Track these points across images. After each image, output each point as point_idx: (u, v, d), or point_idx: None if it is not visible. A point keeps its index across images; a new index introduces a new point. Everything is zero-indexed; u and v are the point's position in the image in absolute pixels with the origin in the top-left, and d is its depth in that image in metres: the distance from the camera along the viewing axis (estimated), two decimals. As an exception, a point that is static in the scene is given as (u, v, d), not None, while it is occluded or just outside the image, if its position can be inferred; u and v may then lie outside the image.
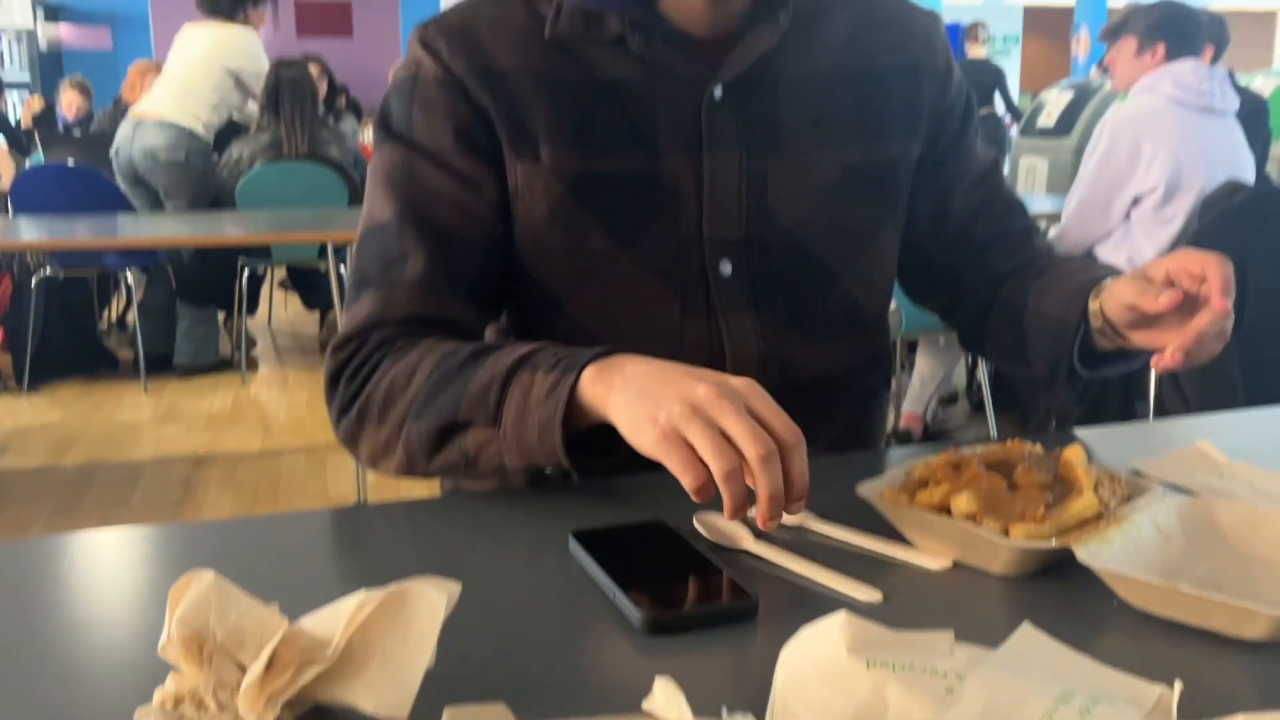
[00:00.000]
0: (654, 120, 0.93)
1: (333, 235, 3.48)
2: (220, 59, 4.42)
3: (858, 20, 1.00)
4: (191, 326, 4.54)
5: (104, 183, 4.34)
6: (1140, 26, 3.05)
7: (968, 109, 1.06)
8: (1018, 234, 1.07)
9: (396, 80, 0.96)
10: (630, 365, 0.75)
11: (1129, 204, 2.93)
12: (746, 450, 0.66)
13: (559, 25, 0.92)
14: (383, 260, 0.92)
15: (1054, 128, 5.34)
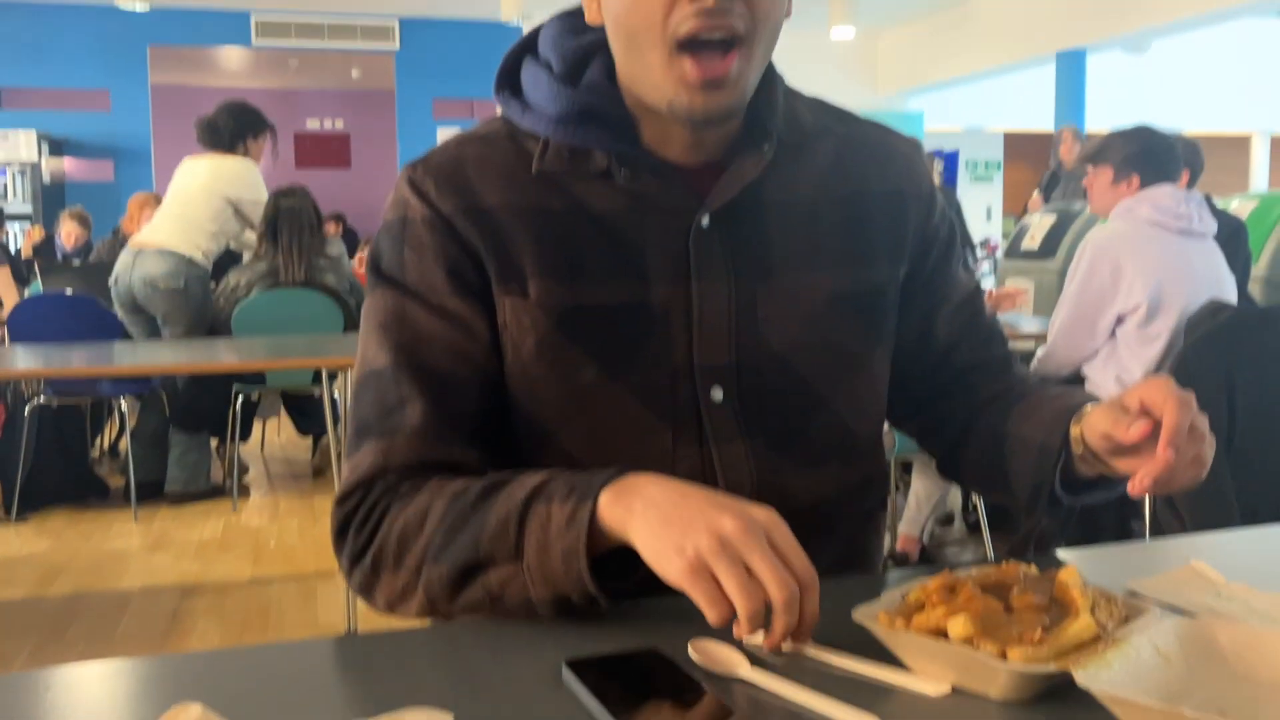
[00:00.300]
0: (642, 250, 0.94)
1: (327, 361, 3.49)
2: (220, 188, 4.51)
3: (841, 149, 1.01)
4: (184, 453, 4.53)
5: (101, 311, 4.38)
6: (1116, 158, 3.11)
7: (951, 235, 1.08)
8: (998, 361, 1.08)
9: (386, 222, 0.97)
10: (648, 487, 0.77)
11: (1113, 323, 2.97)
12: (772, 592, 0.68)
13: (545, 161, 0.94)
14: (381, 408, 0.91)
15: (1038, 250, 5.45)
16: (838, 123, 1.03)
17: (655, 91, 0.89)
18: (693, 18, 0.84)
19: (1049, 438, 0.94)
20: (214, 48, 10.74)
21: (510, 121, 0.98)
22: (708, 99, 0.87)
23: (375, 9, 10.15)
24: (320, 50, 10.53)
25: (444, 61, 10.52)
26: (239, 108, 4.65)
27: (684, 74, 0.86)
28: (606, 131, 0.93)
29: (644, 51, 0.88)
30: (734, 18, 0.85)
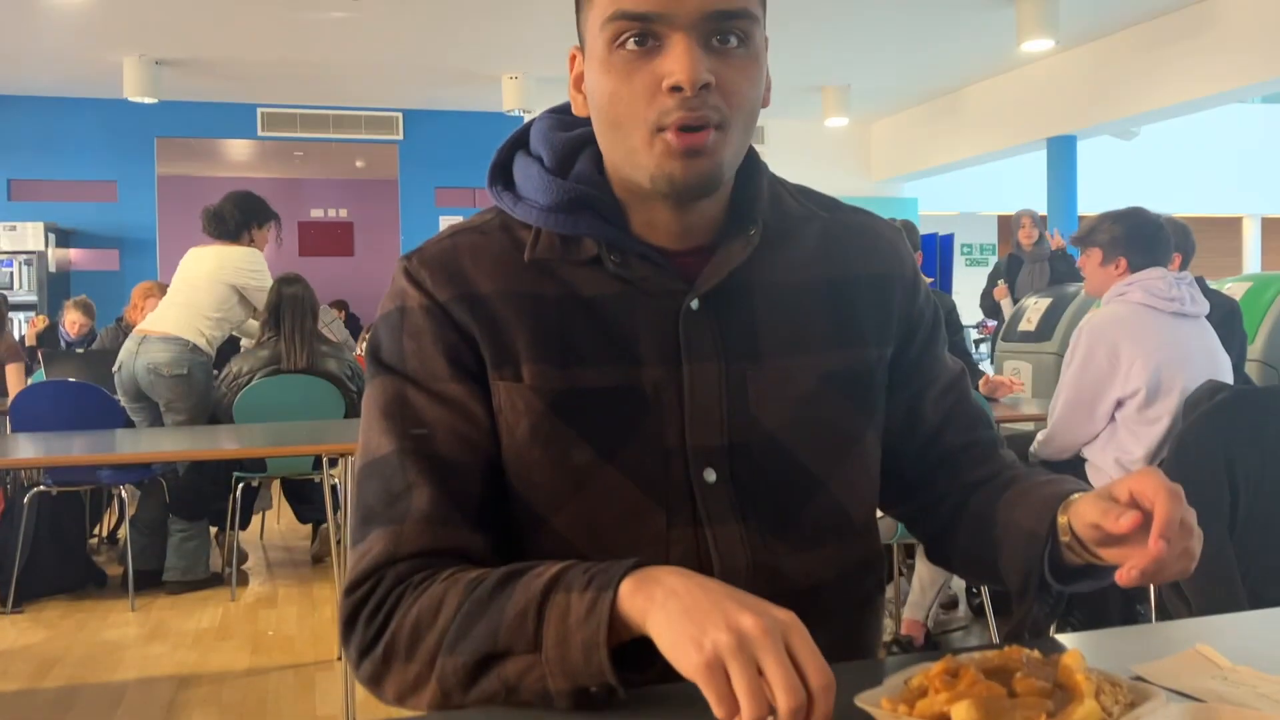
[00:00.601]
0: (633, 333, 0.95)
1: (328, 448, 3.50)
2: (225, 275, 4.58)
3: (826, 233, 1.04)
4: (183, 541, 4.50)
5: (103, 399, 4.39)
6: (1104, 239, 3.15)
7: (935, 318, 1.10)
8: (985, 444, 1.09)
9: (384, 313, 0.99)
10: (669, 577, 0.77)
11: (1112, 407, 2.97)
12: (779, 699, 0.68)
13: (537, 249, 0.97)
14: (387, 495, 0.92)
15: (1034, 332, 5.48)
16: (822, 209, 1.06)
17: (639, 170, 0.92)
18: (672, 110, 0.88)
19: (1037, 525, 0.94)
20: (220, 139, 10.92)
21: (503, 212, 1.01)
22: (687, 167, 0.90)
23: (379, 102, 10.35)
24: (325, 141, 10.70)
25: (446, 151, 10.68)
26: (245, 198, 4.73)
27: (666, 146, 0.89)
28: (596, 219, 0.96)
29: (627, 135, 0.91)
30: (709, 109, 0.89)
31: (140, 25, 7.62)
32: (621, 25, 0.88)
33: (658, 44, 0.88)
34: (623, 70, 0.89)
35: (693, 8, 0.87)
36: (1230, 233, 15.27)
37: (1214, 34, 7.51)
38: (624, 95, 0.90)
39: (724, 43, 0.89)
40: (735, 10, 0.89)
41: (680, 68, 0.86)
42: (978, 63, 9.20)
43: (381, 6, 7.24)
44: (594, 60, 0.92)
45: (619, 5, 0.88)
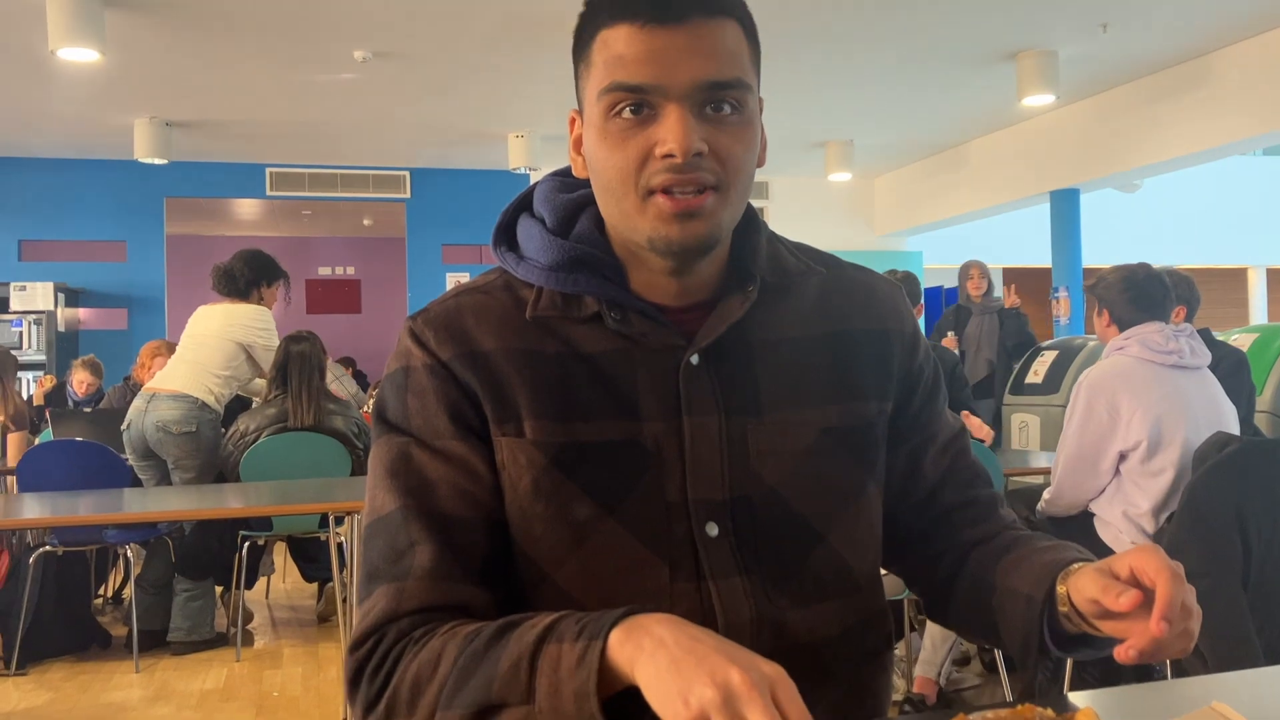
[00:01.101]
0: (634, 388, 0.97)
1: (334, 506, 3.49)
2: (234, 334, 4.61)
3: (825, 289, 1.06)
4: (187, 601, 4.48)
5: (110, 458, 4.39)
6: (1098, 289, 3.18)
7: (935, 375, 1.11)
8: (984, 502, 1.10)
9: (389, 373, 1.01)
10: (657, 627, 0.77)
11: (1116, 461, 2.96)
12: None
13: (539, 307, 0.99)
14: (391, 553, 0.93)
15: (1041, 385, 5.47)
16: (821, 265, 1.07)
17: (636, 232, 0.94)
18: (663, 173, 0.91)
19: (1035, 590, 0.94)
20: (229, 199, 11.03)
21: (506, 272, 1.04)
22: (683, 229, 0.92)
23: (387, 161, 10.46)
24: (333, 200, 10.80)
25: (453, 209, 10.78)
26: (255, 256, 4.77)
27: (659, 210, 0.91)
28: (596, 278, 0.98)
29: (621, 198, 0.93)
30: (703, 172, 0.91)
31: (151, 88, 7.73)
32: (617, 96, 0.91)
33: (652, 113, 0.91)
34: (618, 137, 0.92)
35: (685, 79, 0.89)
36: (1236, 284, 15.29)
37: (1212, 89, 7.59)
38: (619, 161, 0.92)
39: (717, 110, 0.91)
40: (728, 81, 0.91)
41: (673, 137, 0.89)
42: (979, 117, 9.29)
43: (388, 68, 7.35)
44: (591, 126, 0.95)
45: (614, 77, 0.90)
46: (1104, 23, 6.80)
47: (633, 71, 0.90)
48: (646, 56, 0.90)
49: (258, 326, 4.68)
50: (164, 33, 6.51)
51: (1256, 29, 7.11)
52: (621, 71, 0.90)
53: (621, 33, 0.91)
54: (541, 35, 6.71)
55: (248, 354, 4.66)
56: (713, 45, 0.90)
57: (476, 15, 6.38)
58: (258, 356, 4.67)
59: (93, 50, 5.90)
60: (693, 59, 0.89)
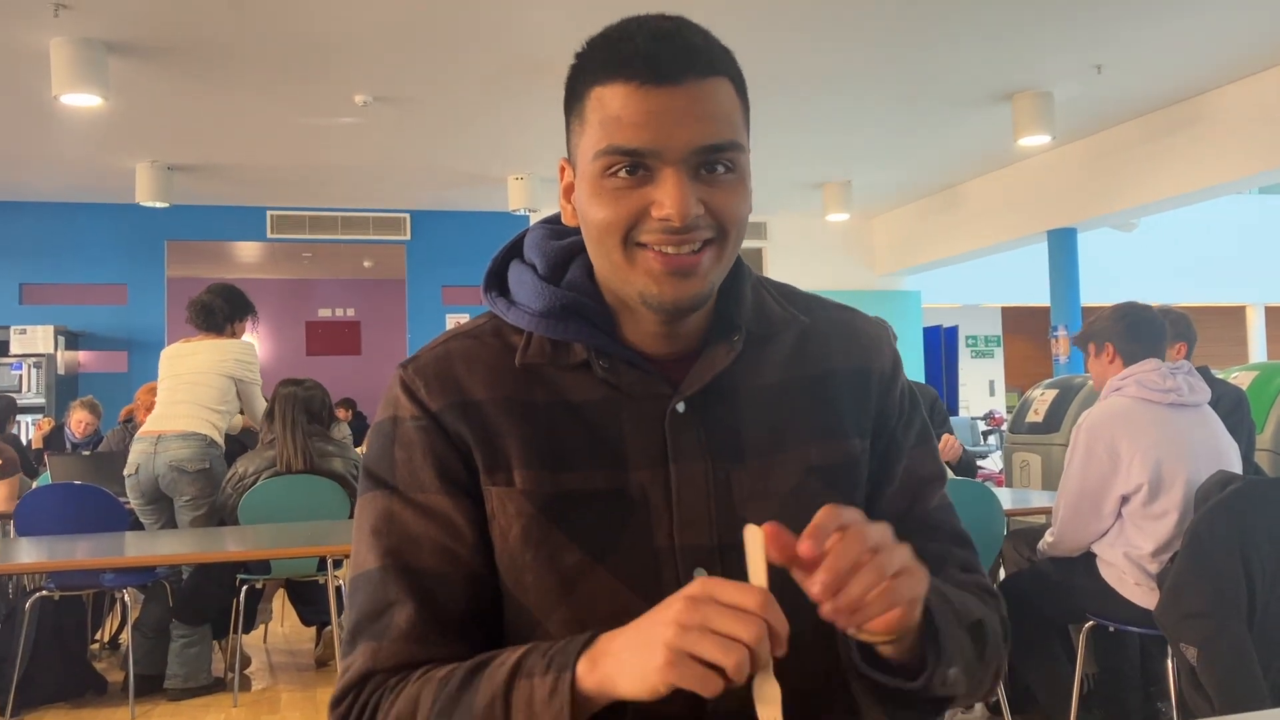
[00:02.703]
0: (620, 436, 0.97)
1: (332, 549, 3.48)
2: (225, 368, 4.67)
3: (807, 333, 1.06)
4: (185, 647, 4.43)
5: (108, 501, 4.37)
6: (1094, 330, 3.19)
7: (910, 412, 1.09)
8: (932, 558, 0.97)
9: (377, 423, 1.02)
10: (613, 641, 0.81)
11: (1118, 503, 2.95)
12: (745, 637, 0.73)
13: (528, 354, 0.99)
14: (372, 610, 0.95)
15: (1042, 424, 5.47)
16: (804, 310, 1.08)
17: (628, 287, 0.95)
18: (658, 233, 0.91)
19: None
20: (230, 241, 11.08)
21: (497, 317, 1.04)
22: (677, 288, 0.93)
23: (387, 203, 10.52)
24: (333, 242, 10.85)
25: (453, 251, 10.83)
26: (229, 291, 4.83)
27: (649, 267, 0.92)
28: (586, 326, 0.99)
29: (611, 252, 0.93)
30: (700, 230, 0.92)
31: (153, 132, 7.79)
32: (614, 159, 0.91)
33: (648, 174, 0.91)
34: (612, 196, 0.92)
35: (682, 144, 0.90)
36: (1234, 322, 15.32)
37: (1206, 128, 7.65)
38: (611, 218, 0.92)
39: (712, 170, 0.92)
40: (723, 144, 0.91)
41: (671, 201, 0.89)
42: (976, 158, 9.35)
43: (389, 112, 7.41)
44: (585, 181, 0.94)
45: (611, 140, 0.90)
46: (1098, 64, 6.87)
47: (630, 135, 0.90)
48: (643, 119, 0.90)
49: (248, 360, 4.75)
50: (166, 78, 6.57)
51: (1250, 69, 7.17)
52: (619, 135, 0.90)
53: (617, 92, 0.90)
54: (540, 79, 6.78)
55: (237, 389, 4.69)
56: (708, 107, 0.91)
57: (476, 59, 6.44)
58: (244, 391, 4.71)
59: (96, 95, 5.96)
60: (689, 122, 0.90)
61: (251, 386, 4.73)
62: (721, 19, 0.96)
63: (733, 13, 5.60)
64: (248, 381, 4.72)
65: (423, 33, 5.99)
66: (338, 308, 14.30)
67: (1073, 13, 6.00)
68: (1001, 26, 6.15)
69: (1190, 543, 2.68)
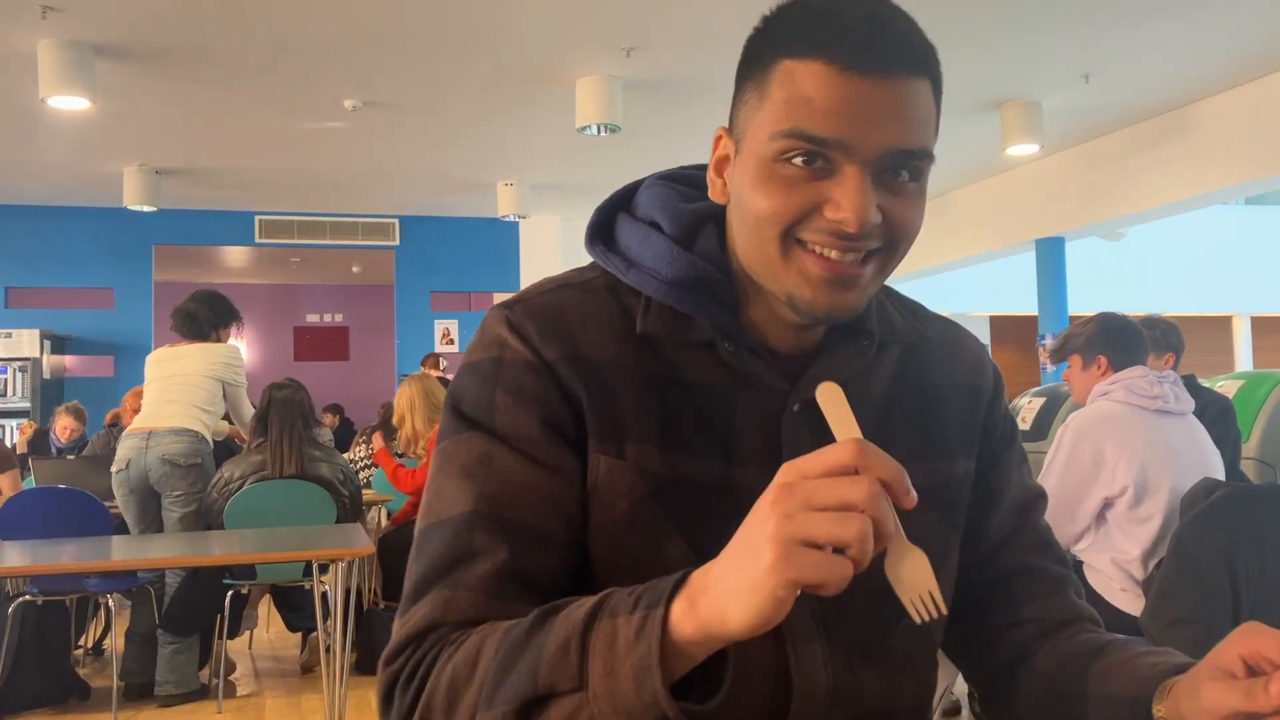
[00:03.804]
0: (733, 427, 0.90)
1: (318, 554, 3.46)
2: (215, 372, 4.69)
3: (915, 344, 1.00)
4: (174, 654, 4.39)
5: (92, 505, 4.35)
6: (1080, 343, 3.20)
7: (1011, 431, 1.05)
8: (1048, 574, 1.00)
9: (473, 362, 0.91)
10: (709, 574, 0.70)
11: (1097, 507, 2.95)
12: (858, 499, 0.65)
13: (648, 322, 0.90)
14: (451, 558, 0.84)
15: (1030, 431, 5.48)
16: (915, 319, 1.02)
17: (775, 283, 0.86)
18: (826, 236, 0.82)
19: (1141, 692, 0.83)
20: (218, 246, 11.05)
21: (608, 274, 0.94)
22: (833, 298, 0.84)
23: (376, 208, 10.51)
24: (322, 247, 10.83)
25: (442, 256, 10.82)
26: (215, 298, 4.86)
27: (805, 270, 0.84)
28: (715, 303, 0.91)
29: (767, 243, 0.85)
30: (870, 240, 0.83)
31: (141, 136, 7.76)
32: (797, 144, 0.81)
33: (828, 167, 0.82)
34: (784, 184, 0.83)
35: (876, 143, 0.81)
36: (1221, 332, 15.39)
37: (1193, 139, 7.69)
38: (778, 207, 0.83)
39: (895, 177, 0.83)
40: (917, 150, 0.83)
41: (850, 206, 0.80)
42: (965, 167, 9.38)
43: (378, 117, 7.40)
44: (750, 160, 0.85)
45: (799, 123, 0.81)
46: (1086, 73, 6.90)
47: (821, 122, 0.80)
48: (839, 107, 0.80)
49: (236, 364, 4.78)
50: (154, 82, 6.55)
51: (1237, 80, 7.21)
52: (808, 119, 0.80)
53: (814, 71, 0.80)
54: (529, 86, 6.78)
55: (224, 393, 4.70)
56: (909, 108, 0.82)
57: (466, 65, 6.44)
58: (230, 396, 4.72)
59: (83, 99, 5.94)
60: (887, 120, 0.81)
61: (239, 390, 4.76)
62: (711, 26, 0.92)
63: (722, 21, 5.61)
64: (236, 385, 4.74)
65: (412, 37, 5.99)
66: (326, 313, 14.26)
67: (1061, 23, 6.02)
68: (990, 36, 6.18)
69: (1175, 550, 2.68)
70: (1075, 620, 0.99)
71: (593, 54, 6.25)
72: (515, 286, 11.04)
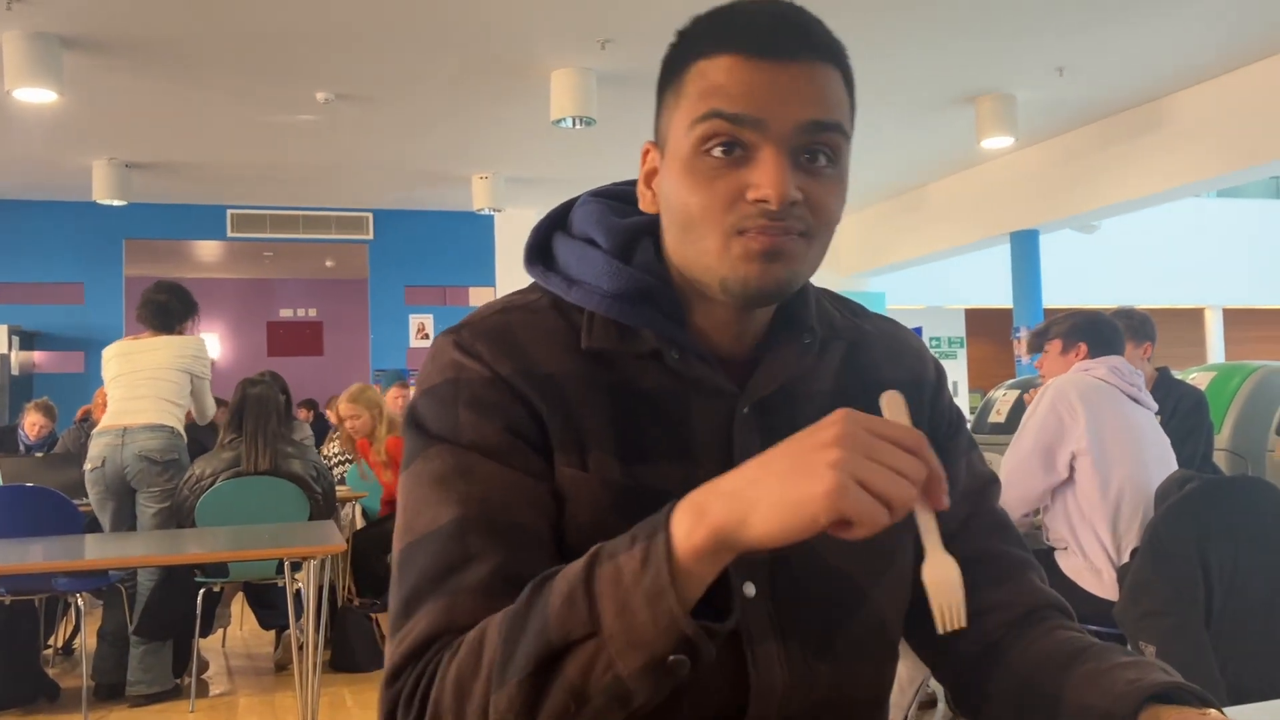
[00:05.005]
0: (689, 433, 0.91)
1: (291, 551, 3.43)
2: (184, 364, 4.64)
3: (858, 342, 1.02)
4: (146, 654, 4.35)
5: (60, 504, 4.29)
6: (1062, 330, 3.32)
7: (958, 417, 1.07)
8: (1008, 559, 1.01)
9: (429, 388, 0.91)
10: (727, 483, 0.73)
11: (1069, 459, 3.02)
12: (911, 472, 0.70)
13: (594, 337, 0.91)
14: (443, 567, 0.83)
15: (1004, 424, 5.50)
16: (855, 317, 1.04)
17: (709, 273, 0.87)
18: (754, 218, 0.84)
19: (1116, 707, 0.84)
20: (189, 240, 10.95)
21: (550, 293, 0.96)
22: (764, 270, 0.85)
23: (349, 202, 10.44)
24: (294, 241, 10.75)
25: (416, 250, 10.76)
26: (180, 289, 4.80)
27: (744, 248, 0.85)
28: (659, 313, 0.92)
29: (700, 237, 0.87)
30: (794, 220, 0.85)
31: (110, 129, 7.68)
32: (713, 125, 0.84)
33: (745, 154, 0.84)
34: (706, 176, 0.85)
35: (787, 118, 0.83)
36: (1193, 324, 15.53)
37: (1166, 132, 7.74)
38: (705, 200, 0.85)
39: (813, 160, 0.86)
40: (830, 122, 0.85)
41: (769, 181, 0.83)
42: (940, 160, 9.41)
43: (351, 110, 7.34)
44: (675, 160, 0.87)
45: (712, 104, 0.84)
46: (1060, 66, 6.93)
47: (733, 100, 0.83)
48: (749, 88, 0.83)
49: (204, 357, 4.75)
50: (123, 74, 6.47)
51: (1209, 74, 7.26)
52: (721, 99, 0.84)
53: (724, 63, 0.85)
54: (503, 79, 6.74)
55: (192, 384, 4.65)
56: (818, 86, 0.85)
57: (439, 58, 6.40)
58: (198, 387, 4.68)
59: (50, 91, 5.86)
60: (797, 97, 0.84)
61: (204, 383, 4.72)
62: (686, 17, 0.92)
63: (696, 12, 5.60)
64: (202, 378, 4.70)
65: (385, 29, 5.94)
66: (299, 308, 14.17)
67: (1035, 16, 6.04)
68: (964, 29, 6.19)
69: (1149, 541, 2.70)
70: (1042, 607, 0.99)
71: (567, 46, 6.22)
72: (491, 280, 11.00)
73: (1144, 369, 3.88)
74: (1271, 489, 2.81)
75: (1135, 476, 2.99)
